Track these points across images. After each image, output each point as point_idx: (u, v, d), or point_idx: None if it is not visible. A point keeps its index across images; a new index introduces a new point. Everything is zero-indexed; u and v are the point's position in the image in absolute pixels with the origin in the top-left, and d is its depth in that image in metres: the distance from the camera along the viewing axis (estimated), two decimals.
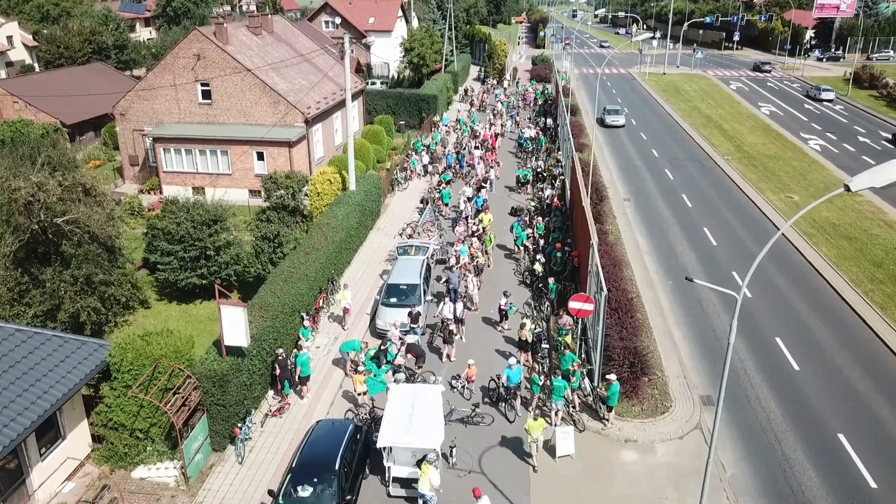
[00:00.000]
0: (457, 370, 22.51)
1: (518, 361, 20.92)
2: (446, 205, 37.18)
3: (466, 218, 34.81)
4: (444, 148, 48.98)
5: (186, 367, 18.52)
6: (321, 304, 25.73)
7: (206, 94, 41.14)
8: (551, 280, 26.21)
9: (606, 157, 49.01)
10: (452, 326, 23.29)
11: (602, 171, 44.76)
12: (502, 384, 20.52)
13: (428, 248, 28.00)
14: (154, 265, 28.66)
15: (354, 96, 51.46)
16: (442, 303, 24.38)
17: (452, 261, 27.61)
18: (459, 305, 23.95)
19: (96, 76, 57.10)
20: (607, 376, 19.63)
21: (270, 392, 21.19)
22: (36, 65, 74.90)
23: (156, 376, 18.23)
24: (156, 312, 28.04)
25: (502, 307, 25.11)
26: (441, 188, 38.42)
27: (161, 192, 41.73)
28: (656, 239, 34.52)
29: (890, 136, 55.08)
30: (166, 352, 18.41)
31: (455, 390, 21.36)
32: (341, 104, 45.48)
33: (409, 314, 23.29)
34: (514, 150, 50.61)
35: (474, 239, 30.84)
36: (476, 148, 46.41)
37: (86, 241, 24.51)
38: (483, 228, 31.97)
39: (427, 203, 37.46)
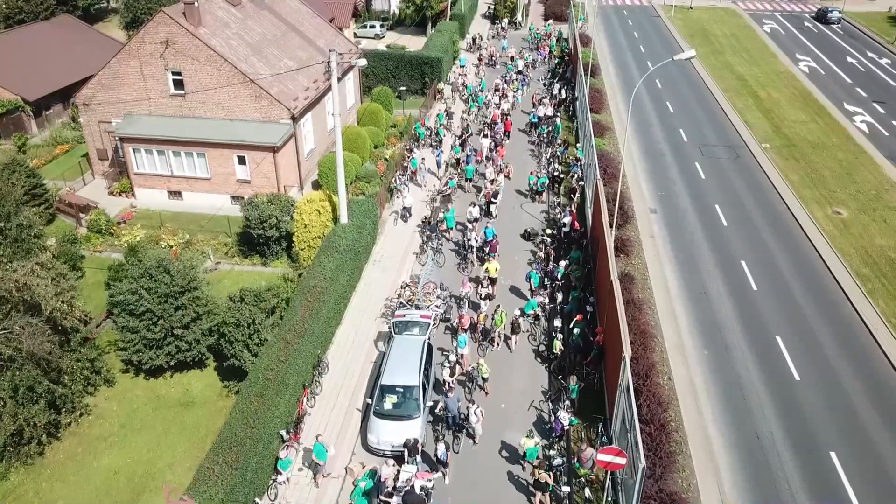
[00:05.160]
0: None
1: None
2: (450, 229, 32.93)
3: (472, 249, 30.79)
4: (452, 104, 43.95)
5: None
6: (304, 408, 22.17)
7: (179, 84, 36.05)
8: (573, 380, 22.43)
9: (630, 144, 43.94)
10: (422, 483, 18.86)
11: (625, 162, 39.88)
12: None
13: (429, 324, 24.09)
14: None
15: (350, 68, 45.97)
16: (406, 462, 19.54)
17: (447, 373, 22.62)
18: (441, 447, 19.85)
19: (63, 33, 51.03)
20: None
21: None
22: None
23: None
24: (119, 394, 24.64)
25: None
26: (445, 208, 33.93)
27: (133, 195, 37.47)
28: (687, 276, 30.50)
29: None
30: None
31: None
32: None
33: (406, 445, 19.77)
34: (526, 129, 45.48)
35: (482, 304, 27.00)
36: (485, 136, 41.44)
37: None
38: (490, 280, 27.96)
39: (428, 223, 33.18)
